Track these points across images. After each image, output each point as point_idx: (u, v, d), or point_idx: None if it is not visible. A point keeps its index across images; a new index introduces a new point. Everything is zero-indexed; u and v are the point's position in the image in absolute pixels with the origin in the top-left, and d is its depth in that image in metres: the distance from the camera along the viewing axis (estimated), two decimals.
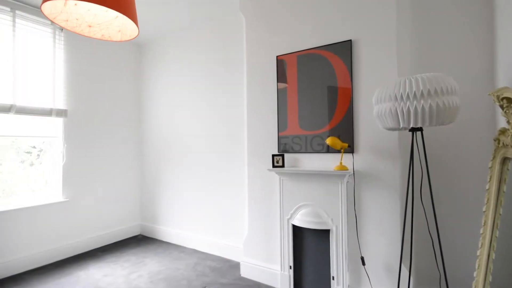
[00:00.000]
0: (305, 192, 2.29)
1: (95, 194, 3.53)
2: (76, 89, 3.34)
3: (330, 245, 2.16)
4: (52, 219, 3.08)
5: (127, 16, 1.17)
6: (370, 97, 2.12)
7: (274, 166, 2.44)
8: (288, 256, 2.35)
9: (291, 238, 2.33)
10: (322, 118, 2.31)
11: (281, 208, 2.39)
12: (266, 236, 2.61)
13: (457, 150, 2.07)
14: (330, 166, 2.29)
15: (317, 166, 2.35)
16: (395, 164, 2.01)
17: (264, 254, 2.62)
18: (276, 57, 2.58)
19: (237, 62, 3.13)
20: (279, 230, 2.41)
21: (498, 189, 1.47)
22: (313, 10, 2.38)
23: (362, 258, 2.06)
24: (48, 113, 3.03)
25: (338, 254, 2.12)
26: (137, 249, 3.45)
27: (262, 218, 2.64)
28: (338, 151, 2.23)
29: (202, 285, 2.52)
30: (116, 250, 3.42)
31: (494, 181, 1.50)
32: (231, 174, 3.16)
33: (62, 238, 3.16)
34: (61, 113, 3.16)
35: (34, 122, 3.00)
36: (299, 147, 2.43)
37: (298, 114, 2.44)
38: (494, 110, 1.93)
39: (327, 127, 2.29)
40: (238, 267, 2.89)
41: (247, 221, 2.73)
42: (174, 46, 3.72)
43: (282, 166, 2.41)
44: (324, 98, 2.31)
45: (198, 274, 2.74)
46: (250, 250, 2.70)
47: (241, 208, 3.08)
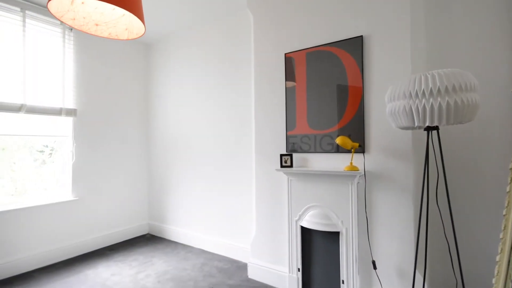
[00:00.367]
0: (314, 193, 2.23)
1: (104, 193, 3.55)
2: (85, 88, 3.36)
3: (340, 247, 2.10)
4: (61, 218, 3.10)
5: (134, 14, 1.16)
6: (382, 94, 2.04)
7: (282, 166, 2.39)
8: (296, 258, 2.29)
9: (300, 240, 2.28)
10: (332, 117, 2.24)
11: (289, 209, 2.34)
12: (274, 237, 2.56)
13: (475, 150, 1.97)
14: (340, 166, 2.22)
15: (326, 166, 2.29)
16: (409, 164, 1.92)
17: (272, 256, 2.57)
18: (284, 54, 2.52)
19: (245, 60, 3.08)
20: (287, 232, 2.36)
21: None
22: (322, 5, 2.31)
23: (374, 262, 1.99)
24: (58, 112, 3.06)
25: (348, 257, 2.06)
26: (145, 248, 3.46)
27: (270, 218, 2.59)
28: (348, 151, 2.16)
29: (209, 286, 2.49)
30: (124, 249, 3.43)
31: None
32: (239, 174, 3.12)
33: (71, 237, 3.19)
34: (70, 112, 3.18)
35: (45, 122, 3.03)
36: (308, 147, 2.37)
37: (307, 113, 2.38)
38: None
39: (337, 126, 2.22)
40: (245, 268, 2.85)
41: (255, 221, 2.69)
42: (181, 45, 3.70)
43: (291, 166, 2.36)
44: (333, 96, 2.24)
45: (205, 275, 2.71)
46: (258, 251, 2.66)
47: (248, 208, 3.03)
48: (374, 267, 1.98)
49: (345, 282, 2.06)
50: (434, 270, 2.09)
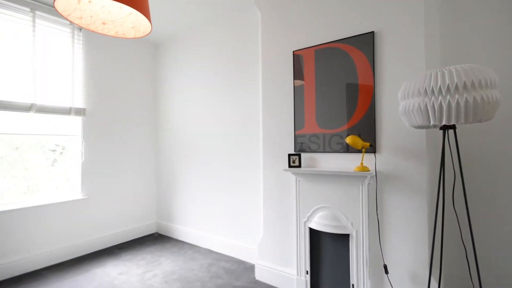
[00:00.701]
0: (323, 193, 2.17)
1: (113, 192, 3.57)
2: (94, 88, 3.38)
3: (350, 250, 2.03)
4: (71, 216, 3.13)
5: (141, 12, 1.16)
6: (394, 92, 1.96)
7: (290, 166, 2.33)
8: (304, 260, 2.24)
9: (308, 242, 2.22)
10: (341, 116, 2.18)
11: (297, 210, 2.29)
12: (281, 238, 2.51)
13: (494, 150, 1.87)
14: (350, 166, 2.15)
15: (335, 167, 2.22)
16: (422, 165, 1.84)
17: (279, 257, 2.52)
18: (292, 52, 2.47)
19: (253, 58, 3.03)
20: (295, 233, 2.30)
21: None
22: (332, 1, 2.24)
23: (385, 266, 1.91)
24: (67, 112, 3.09)
25: (358, 260, 1.99)
26: (152, 247, 3.46)
27: (278, 219, 2.54)
28: (359, 151, 2.09)
29: (216, 287, 2.46)
30: (132, 248, 3.44)
31: None
32: (247, 174, 3.08)
33: (80, 235, 3.21)
34: (79, 112, 3.21)
35: (56, 121, 3.06)
36: (317, 146, 2.31)
37: (316, 112, 2.31)
38: None
39: (347, 125, 2.15)
40: (252, 270, 2.81)
41: (262, 222, 2.65)
42: (189, 44, 3.68)
43: (299, 166, 2.30)
44: (343, 93, 2.17)
45: (212, 276, 2.68)
46: (265, 252, 2.62)
47: (256, 208, 2.99)
48: (386, 272, 1.91)
49: (355, 286, 1.99)
50: (449, 276, 2.00)
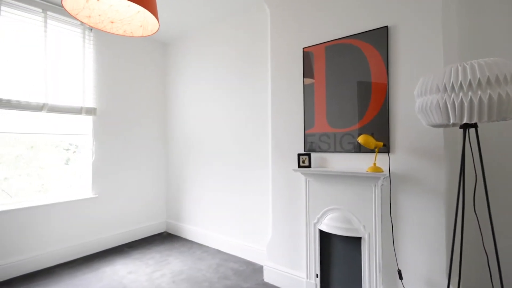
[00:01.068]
0: (333, 195, 2.10)
1: (123, 191, 3.60)
2: (104, 88, 3.41)
3: (362, 254, 1.95)
4: (82, 215, 3.17)
5: (149, 10, 1.15)
6: (409, 89, 1.86)
7: (299, 166, 2.27)
8: (314, 263, 2.17)
9: (318, 244, 2.16)
10: (353, 114, 2.10)
11: (307, 211, 2.22)
12: (291, 240, 2.45)
13: None
14: (362, 167, 2.07)
15: (347, 167, 2.14)
16: (440, 166, 1.74)
17: (288, 259, 2.46)
18: (302, 49, 2.40)
19: (262, 56, 2.98)
20: (305, 235, 2.24)
21: None
22: None
23: (399, 272, 1.83)
24: (78, 111, 3.12)
25: (370, 265, 1.91)
26: (161, 246, 3.46)
27: (287, 221, 2.48)
28: (371, 151, 2.01)
29: None
30: (142, 246, 3.46)
31: None
32: (256, 174, 3.03)
33: (91, 233, 3.25)
34: (90, 111, 3.24)
35: (68, 120, 3.10)
36: (327, 146, 2.24)
37: (326, 110, 2.24)
38: None
39: (359, 124, 2.07)
40: (261, 271, 2.76)
41: (271, 223, 2.59)
42: (198, 43, 3.66)
43: (309, 166, 2.23)
44: (355, 91, 2.09)
45: (220, 277, 2.65)
46: (274, 254, 2.56)
47: (265, 209, 2.94)
48: (400, 277, 1.83)
49: None
50: (469, 284, 1.89)
